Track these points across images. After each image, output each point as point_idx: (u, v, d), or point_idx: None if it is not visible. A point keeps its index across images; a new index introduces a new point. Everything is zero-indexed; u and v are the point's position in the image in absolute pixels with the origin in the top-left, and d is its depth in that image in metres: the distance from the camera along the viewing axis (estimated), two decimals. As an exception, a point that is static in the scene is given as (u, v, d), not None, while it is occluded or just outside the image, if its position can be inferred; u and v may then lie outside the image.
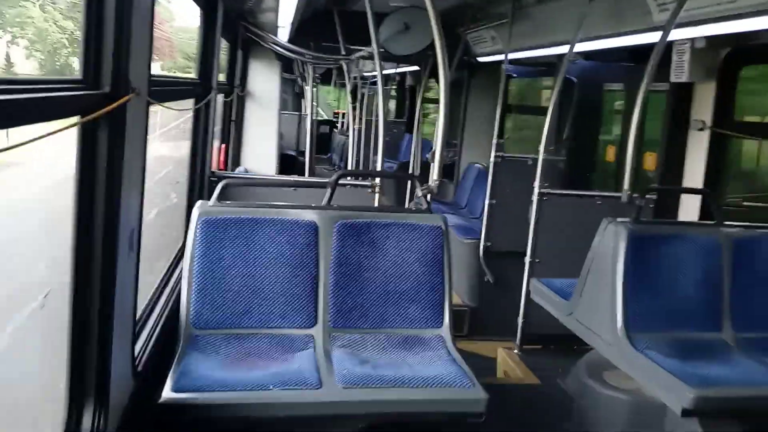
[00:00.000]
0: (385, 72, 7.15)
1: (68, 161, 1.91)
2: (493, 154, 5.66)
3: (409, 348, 3.06)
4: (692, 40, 4.39)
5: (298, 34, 6.38)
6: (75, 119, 1.69)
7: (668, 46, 4.38)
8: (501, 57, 6.00)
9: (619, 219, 3.64)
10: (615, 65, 6.46)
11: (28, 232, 2.73)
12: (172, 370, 2.62)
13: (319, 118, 14.86)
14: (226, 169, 6.47)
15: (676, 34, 4.14)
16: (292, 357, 2.87)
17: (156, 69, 2.85)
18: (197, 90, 4.15)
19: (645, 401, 3.68)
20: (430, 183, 3.59)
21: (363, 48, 6.08)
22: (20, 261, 2.59)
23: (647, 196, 4.61)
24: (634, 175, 4.41)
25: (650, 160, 5.65)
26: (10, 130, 1.39)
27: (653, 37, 4.11)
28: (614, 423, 3.79)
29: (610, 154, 6.64)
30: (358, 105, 10.38)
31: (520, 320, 4.95)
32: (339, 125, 14.89)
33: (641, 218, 3.65)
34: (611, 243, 3.57)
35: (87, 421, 1.94)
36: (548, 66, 6.96)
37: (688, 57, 4.47)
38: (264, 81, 7.13)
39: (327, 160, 14.71)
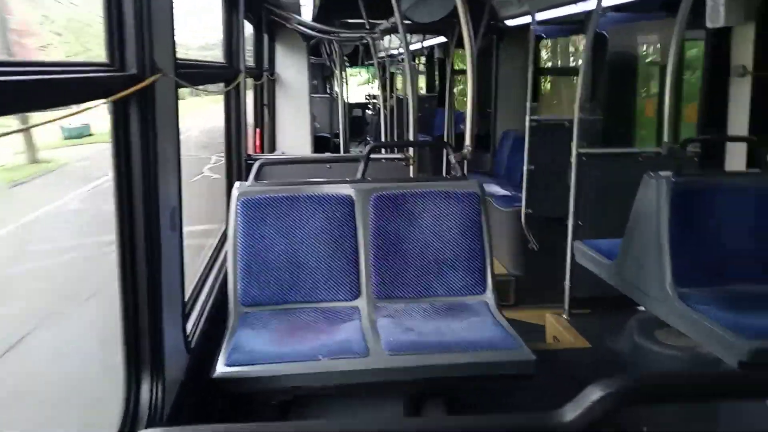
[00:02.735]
0: (411, 47, 7.09)
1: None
2: (528, 118, 5.57)
3: (453, 315, 3.06)
4: (727, -20, 4.20)
5: (321, 13, 6.37)
6: (104, 100, 1.73)
7: None
8: (528, 19, 5.87)
9: (661, 173, 3.55)
10: (648, 15, 6.25)
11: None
12: (223, 345, 2.70)
13: (351, 102, 14.86)
14: (262, 152, 6.54)
15: None
16: (339, 328, 2.91)
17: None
18: (226, 73, 4.20)
19: (699, 357, 3.61)
20: (463, 150, 3.56)
21: (386, 20, 6.03)
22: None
23: (689, 147, 4.47)
24: (674, 127, 4.29)
25: (691, 112, 5.47)
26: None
27: None
28: None
29: (649, 109, 6.45)
30: (387, 83, 10.33)
31: (566, 284, 4.89)
32: (371, 107, 14.86)
33: (685, 171, 3.56)
34: (654, 198, 3.49)
35: (145, 394, 2.01)
36: (578, 23, 6.78)
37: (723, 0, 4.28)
38: (292, 64, 7.16)
39: (362, 143, 14.72)
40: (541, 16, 5.89)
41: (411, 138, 4.67)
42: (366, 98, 16.22)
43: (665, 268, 3.34)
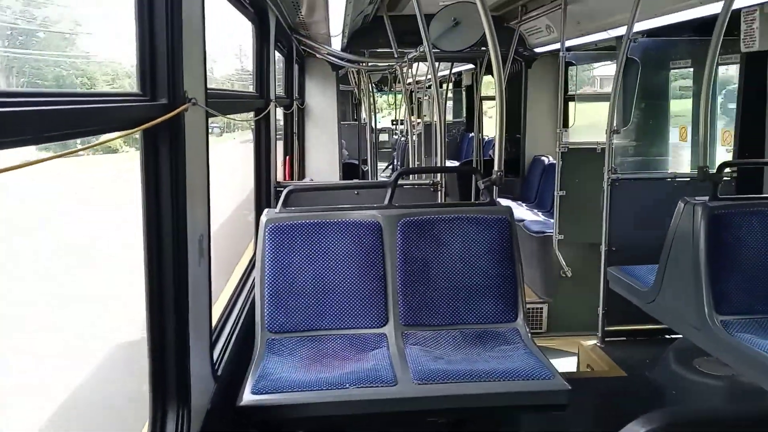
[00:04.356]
0: (440, 73, 7.13)
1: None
2: (558, 144, 5.54)
3: (483, 343, 3.01)
4: (761, 5, 4.15)
5: (350, 43, 6.46)
6: (135, 130, 1.75)
7: (736, 15, 4.16)
8: (557, 45, 5.86)
9: (696, 198, 3.47)
10: (680, 40, 6.19)
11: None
12: (250, 373, 2.68)
13: (379, 127, 14.98)
14: (292, 180, 6.60)
15: (742, 1, 3.92)
16: (366, 356, 2.88)
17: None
18: (256, 103, 4.25)
19: (741, 387, 3.49)
20: (492, 175, 3.52)
21: (415, 50, 6.08)
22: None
23: (725, 171, 4.38)
24: (709, 152, 4.20)
25: (727, 137, 5.37)
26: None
27: (717, 7, 3.92)
28: None
29: (683, 134, 6.35)
30: (415, 109, 10.38)
31: (600, 312, 4.78)
32: (398, 133, 14.97)
33: (721, 196, 3.47)
34: (690, 223, 3.42)
35: (171, 424, 2.00)
36: (609, 49, 6.74)
37: (757, 23, 4.22)
38: (321, 93, 7.27)
39: (388, 167, 14.80)
40: (570, 42, 5.87)
41: (439, 161, 4.66)
42: (392, 123, 16.34)
43: (704, 295, 3.25)
